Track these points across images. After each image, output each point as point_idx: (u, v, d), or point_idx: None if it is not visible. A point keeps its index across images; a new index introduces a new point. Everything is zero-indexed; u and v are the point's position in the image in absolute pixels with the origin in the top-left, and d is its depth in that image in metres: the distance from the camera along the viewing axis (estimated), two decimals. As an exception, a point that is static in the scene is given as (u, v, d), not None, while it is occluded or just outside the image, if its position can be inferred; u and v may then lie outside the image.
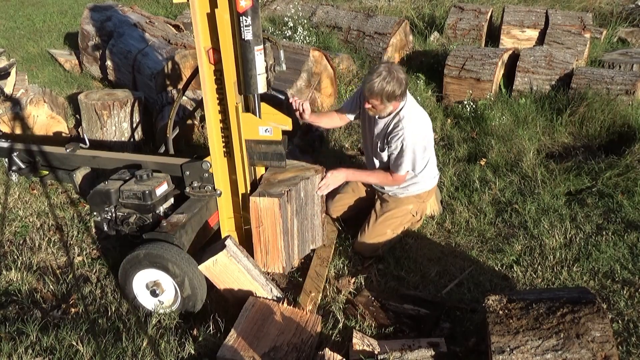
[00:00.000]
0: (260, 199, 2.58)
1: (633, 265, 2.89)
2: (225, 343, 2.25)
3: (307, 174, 2.84)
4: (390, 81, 2.79)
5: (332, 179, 2.95)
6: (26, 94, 4.26)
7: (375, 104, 2.89)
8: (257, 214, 2.60)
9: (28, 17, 8.99)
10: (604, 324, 2.01)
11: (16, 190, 3.69)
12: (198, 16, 2.40)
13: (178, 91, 4.47)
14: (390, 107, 2.94)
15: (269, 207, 2.57)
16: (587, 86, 4.75)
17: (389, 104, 2.90)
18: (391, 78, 2.80)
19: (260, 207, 2.58)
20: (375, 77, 2.81)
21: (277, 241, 2.63)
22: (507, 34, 6.44)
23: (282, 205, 2.58)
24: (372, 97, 2.86)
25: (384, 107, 2.91)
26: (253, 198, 2.59)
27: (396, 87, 2.81)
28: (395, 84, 2.80)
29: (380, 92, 2.80)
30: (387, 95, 2.82)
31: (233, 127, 2.58)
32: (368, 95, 2.86)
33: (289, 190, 2.63)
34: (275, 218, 2.59)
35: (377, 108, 2.92)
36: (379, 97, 2.83)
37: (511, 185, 3.76)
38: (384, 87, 2.79)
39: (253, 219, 2.62)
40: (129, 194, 2.73)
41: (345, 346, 2.38)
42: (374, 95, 2.83)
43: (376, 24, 6.30)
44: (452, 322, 2.56)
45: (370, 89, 2.82)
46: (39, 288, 2.82)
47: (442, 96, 5.36)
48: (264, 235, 2.63)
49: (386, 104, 2.88)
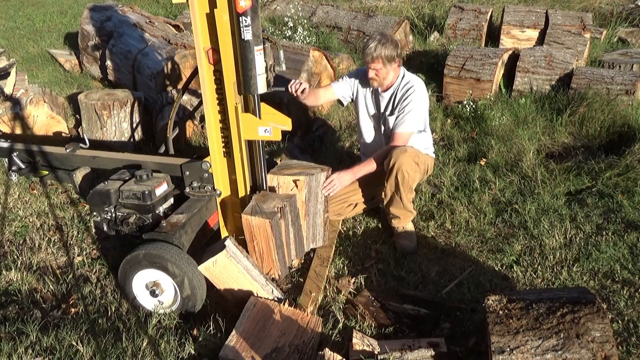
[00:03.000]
0: (252, 218, 2.53)
1: (633, 265, 2.89)
2: (227, 343, 2.24)
3: (312, 171, 2.84)
4: (386, 43, 3.05)
5: (337, 179, 2.97)
6: (26, 94, 4.26)
7: (378, 68, 3.08)
8: (249, 230, 2.57)
9: (28, 17, 9.00)
10: (604, 324, 2.01)
11: (16, 190, 3.69)
12: (197, 16, 2.40)
13: (178, 91, 4.47)
14: (392, 73, 3.16)
15: (261, 227, 2.53)
16: (587, 86, 4.74)
17: (390, 67, 3.11)
18: (386, 40, 3.05)
19: (252, 225, 2.54)
20: (371, 42, 3.07)
21: (272, 254, 2.62)
22: (507, 34, 6.44)
23: (274, 225, 2.53)
24: (373, 62, 3.07)
25: (386, 71, 3.12)
26: (245, 216, 2.54)
27: (392, 47, 3.05)
28: (391, 45, 3.05)
29: (380, 55, 3.03)
30: (387, 56, 3.05)
31: (233, 127, 2.58)
32: (370, 60, 3.08)
33: (282, 207, 2.59)
34: (268, 236, 2.55)
35: (379, 74, 3.12)
36: (380, 59, 3.05)
37: (511, 185, 3.76)
38: (382, 49, 3.02)
39: (246, 234, 2.60)
40: (129, 194, 2.73)
41: (345, 346, 2.37)
42: (375, 59, 3.05)
43: (376, 24, 6.30)
44: (452, 322, 2.56)
45: (370, 53, 3.04)
46: (39, 288, 2.82)
47: (442, 96, 5.36)
48: (258, 248, 2.62)
49: (388, 66, 3.10)
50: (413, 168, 3.02)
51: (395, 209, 3.12)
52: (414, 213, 3.20)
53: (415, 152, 3.09)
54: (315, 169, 2.92)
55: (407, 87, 3.16)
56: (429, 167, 3.31)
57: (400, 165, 2.98)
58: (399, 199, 3.07)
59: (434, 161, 3.40)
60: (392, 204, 3.12)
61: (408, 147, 3.08)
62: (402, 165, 2.98)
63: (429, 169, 3.33)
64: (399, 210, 3.12)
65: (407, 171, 2.99)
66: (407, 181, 3.01)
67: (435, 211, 3.50)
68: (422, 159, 3.16)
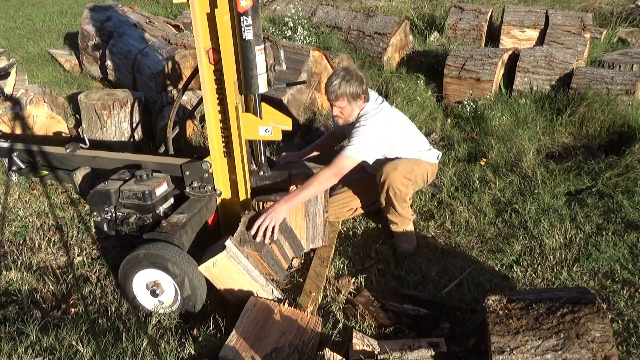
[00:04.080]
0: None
1: (633, 265, 2.89)
2: (227, 343, 2.24)
3: (312, 171, 2.83)
4: (350, 79, 2.87)
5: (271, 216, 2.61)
6: (26, 94, 4.26)
7: (342, 105, 2.92)
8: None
9: (28, 17, 8.99)
10: (604, 324, 2.01)
11: (16, 190, 3.69)
12: (198, 16, 2.40)
13: (178, 91, 4.47)
14: (357, 109, 2.97)
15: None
16: (587, 86, 4.75)
17: (355, 104, 2.94)
18: (350, 77, 2.88)
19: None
20: (335, 79, 2.88)
21: (266, 269, 2.63)
22: (507, 34, 6.44)
23: (265, 254, 2.51)
24: (337, 100, 2.90)
25: (351, 108, 2.94)
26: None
27: (357, 84, 2.87)
28: (356, 82, 2.88)
29: (344, 92, 2.86)
30: (352, 93, 2.88)
31: (233, 127, 2.58)
32: (333, 99, 2.90)
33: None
34: (261, 260, 2.54)
35: (344, 112, 2.96)
36: (344, 97, 2.87)
37: (511, 185, 3.76)
38: (346, 86, 2.86)
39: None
40: (129, 194, 2.73)
41: (345, 346, 2.37)
42: (340, 97, 2.88)
43: (376, 24, 6.30)
44: (452, 322, 2.56)
45: (334, 91, 2.87)
46: (39, 288, 2.82)
47: (442, 96, 5.36)
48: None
49: (352, 104, 2.92)
50: (404, 184, 2.98)
51: (392, 216, 3.12)
52: (411, 218, 3.17)
53: (408, 169, 3.01)
54: (315, 168, 2.92)
55: (359, 119, 2.95)
56: (429, 175, 3.22)
57: (390, 182, 2.96)
58: (394, 209, 3.07)
59: (437, 165, 3.28)
60: (389, 212, 3.11)
61: (400, 163, 2.98)
62: (392, 182, 2.96)
63: (429, 177, 3.24)
64: (396, 217, 3.12)
65: (397, 187, 2.97)
66: (399, 196, 3.00)
67: (435, 211, 3.50)
68: (417, 172, 3.08)
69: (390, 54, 6.10)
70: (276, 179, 2.92)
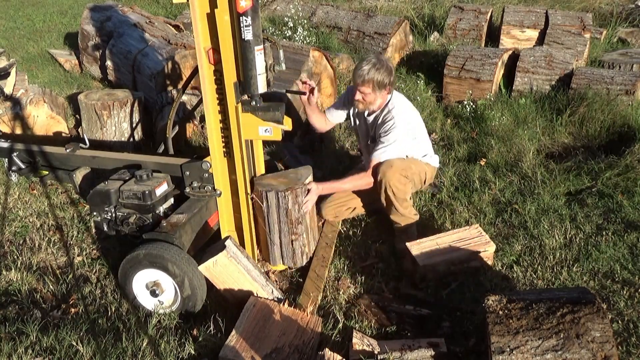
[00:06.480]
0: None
1: (633, 265, 2.89)
2: (227, 343, 2.24)
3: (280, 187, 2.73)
4: (380, 68, 2.87)
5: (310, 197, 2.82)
6: (26, 94, 4.26)
7: (366, 92, 2.92)
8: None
9: (28, 17, 8.99)
10: (604, 324, 2.01)
11: (16, 190, 3.69)
12: (198, 16, 2.40)
13: (178, 91, 4.47)
14: (380, 99, 2.99)
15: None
16: (587, 86, 4.75)
17: (379, 94, 2.95)
18: (381, 65, 2.89)
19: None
20: (365, 64, 2.88)
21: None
22: (507, 34, 6.44)
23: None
24: (363, 85, 2.90)
25: (374, 96, 2.95)
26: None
27: (386, 74, 2.89)
28: (385, 72, 2.89)
29: (371, 79, 2.86)
30: (378, 82, 2.89)
31: (233, 127, 2.58)
32: (360, 83, 2.90)
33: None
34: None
35: (366, 98, 2.96)
36: (370, 84, 2.88)
37: (511, 186, 3.76)
38: (375, 73, 2.87)
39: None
40: (129, 194, 2.73)
41: (345, 346, 2.37)
42: (366, 83, 2.89)
43: (376, 24, 6.30)
44: (452, 322, 2.56)
45: (362, 75, 2.88)
46: (39, 288, 2.82)
47: (442, 96, 5.36)
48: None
49: (377, 92, 2.93)
50: (402, 181, 2.99)
51: (395, 216, 3.12)
52: (415, 218, 3.16)
53: (404, 166, 3.01)
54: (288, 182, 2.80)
55: (387, 117, 2.99)
56: (427, 176, 3.24)
57: (387, 180, 2.96)
58: (396, 210, 3.08)
59: (436, 169, 3.31)
60: (391, 213, 3.12)
61: (395, 161, 2.98)
62: (389, 180, 2.96)
63: (428, 178, 3.26)
64: (399, 218, 3.12)
65: (395, 186, 2.97)
66: (398, 195, 3.01)
67: (435, 211, 3.50)
68: (415, 169, 3.09)
69: (390, 54, 6.10)
70: (269, 109, 2.66)
